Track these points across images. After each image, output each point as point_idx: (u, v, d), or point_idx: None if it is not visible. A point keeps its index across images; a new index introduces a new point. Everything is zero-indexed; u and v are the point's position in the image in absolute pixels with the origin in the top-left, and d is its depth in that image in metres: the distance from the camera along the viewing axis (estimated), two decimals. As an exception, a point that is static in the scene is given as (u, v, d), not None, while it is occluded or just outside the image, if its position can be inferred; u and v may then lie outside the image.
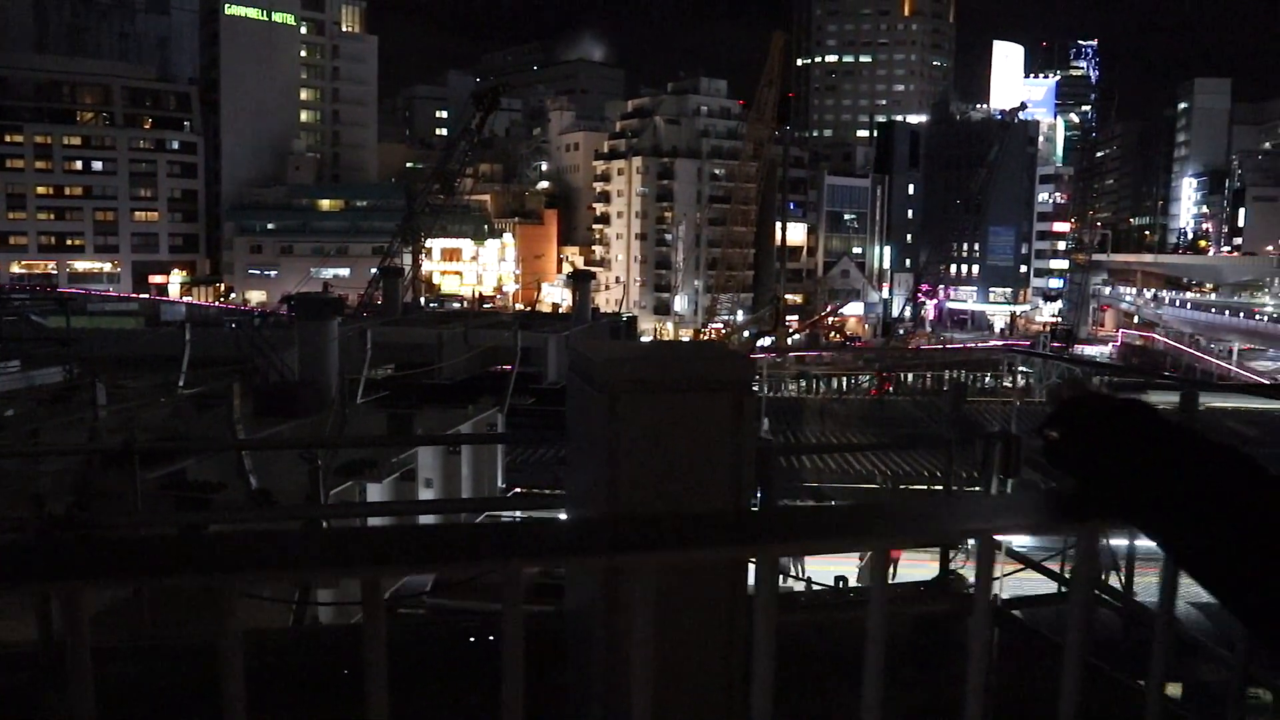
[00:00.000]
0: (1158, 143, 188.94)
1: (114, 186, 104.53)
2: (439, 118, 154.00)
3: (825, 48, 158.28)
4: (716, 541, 1.23)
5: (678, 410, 2.01)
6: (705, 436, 2.03)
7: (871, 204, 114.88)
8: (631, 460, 2.00)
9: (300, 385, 12.12)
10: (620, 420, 2.01)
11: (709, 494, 2.04)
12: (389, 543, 1.09)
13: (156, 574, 1.12)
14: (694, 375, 2.12)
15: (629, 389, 2.05)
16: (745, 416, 2.03)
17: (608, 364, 2.17)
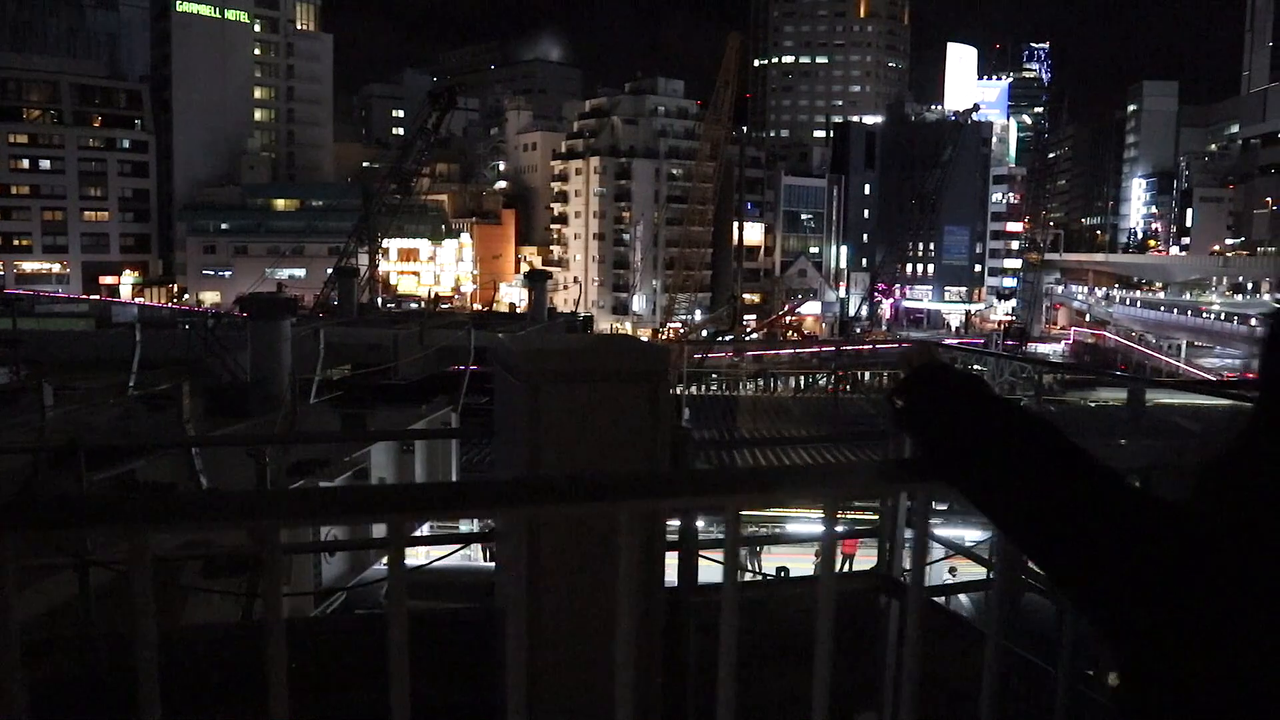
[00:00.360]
0: (1108, 144, 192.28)
1: (63, 185, 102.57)
2: (395, 117, 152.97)
3: (782, 49, 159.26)
4: (619, 496, 1.33)
5: (595, 400, 2.13)
6: (622, 424, 2.14)
7: (828, 204, 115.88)
8: (552, 447, 2.10)
9: (252, 385, 12.07)
10: (541, 409, 2.10)
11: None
12: (308, 498, 1.18)
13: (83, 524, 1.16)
14: (611, 367, 2.23)
15: (549, 380, 2.15)
16: (660, 405, 2.15)
17: (528, 357, 2.26)
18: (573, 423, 2.11)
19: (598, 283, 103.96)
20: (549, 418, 2.12)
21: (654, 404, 2.13)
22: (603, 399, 2.12)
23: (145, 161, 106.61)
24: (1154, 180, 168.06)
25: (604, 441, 2.15)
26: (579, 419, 2.12)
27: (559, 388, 2.14)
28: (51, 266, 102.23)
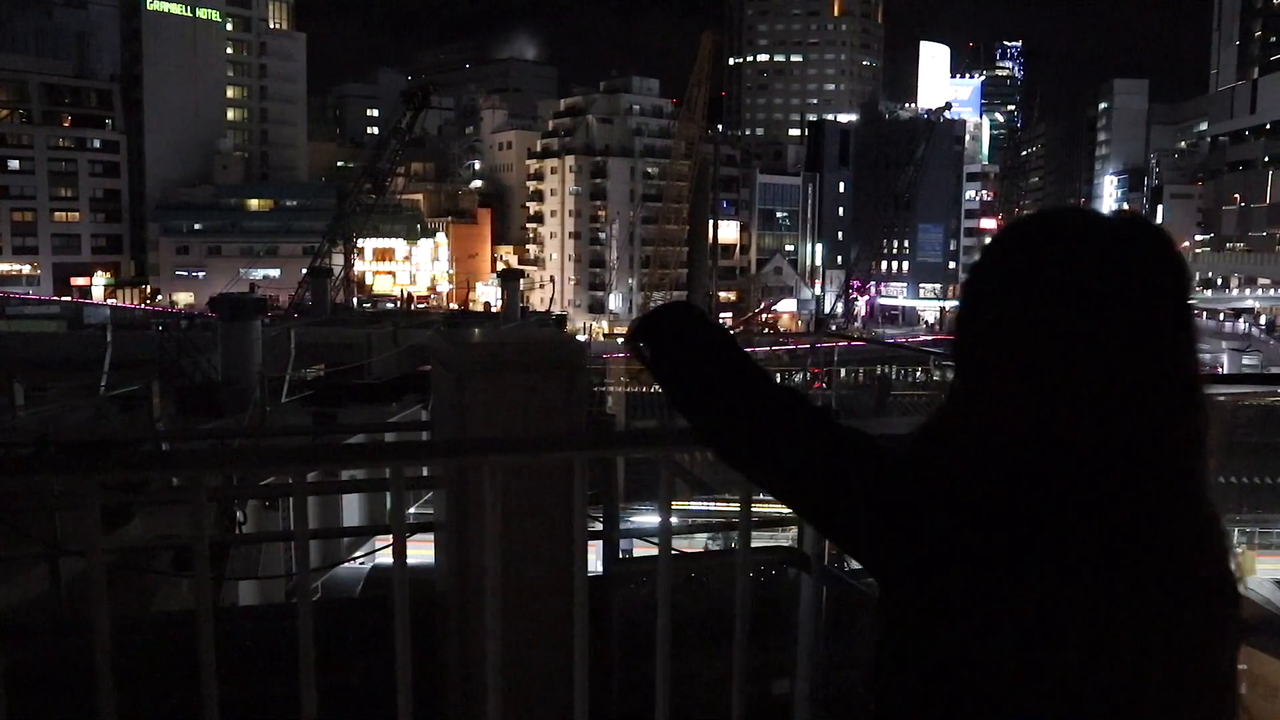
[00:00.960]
0: (1080, 141, 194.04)
1: (32, 186, 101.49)
2: (370, 116, 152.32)
3: (756, 47, 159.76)
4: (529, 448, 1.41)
5: (516, 387, 2.36)
6: (540, 410, 2.37)
7: (803, 202, 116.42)
8: (478, 429, 2.30)
9: (223, 385, 12.18)
10: (467, 397, 2.32)
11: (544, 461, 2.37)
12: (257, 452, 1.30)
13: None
14: (531, 359, 2.43)
15: (473, 370, 2.36)
16: (575, 393, 2.38)
17: (456, 349, 2.50)
18: (496, 409, 2.33)
19: (574, 281, 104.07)
20: (474, 405, 2.33)
21: (570, 392, 2.35)
22: (523, 387, 2.34)
23: (116, 161, 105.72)
24: (1125, 177, 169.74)
25: (525, 425, 2.35)
26: (502, 406, 2.34)
27: (483, 378, 2.34)
28: (21, 268, 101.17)
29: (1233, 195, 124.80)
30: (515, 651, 2.10)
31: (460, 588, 2.42)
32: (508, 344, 2.60)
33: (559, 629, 2.15)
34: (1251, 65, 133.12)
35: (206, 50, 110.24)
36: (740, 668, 2.20)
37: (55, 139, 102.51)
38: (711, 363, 1.40)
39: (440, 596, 2.83)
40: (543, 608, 2.28)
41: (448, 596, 2.70)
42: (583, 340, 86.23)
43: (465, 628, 2.42)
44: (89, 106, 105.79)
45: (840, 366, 76.23)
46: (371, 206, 78.01)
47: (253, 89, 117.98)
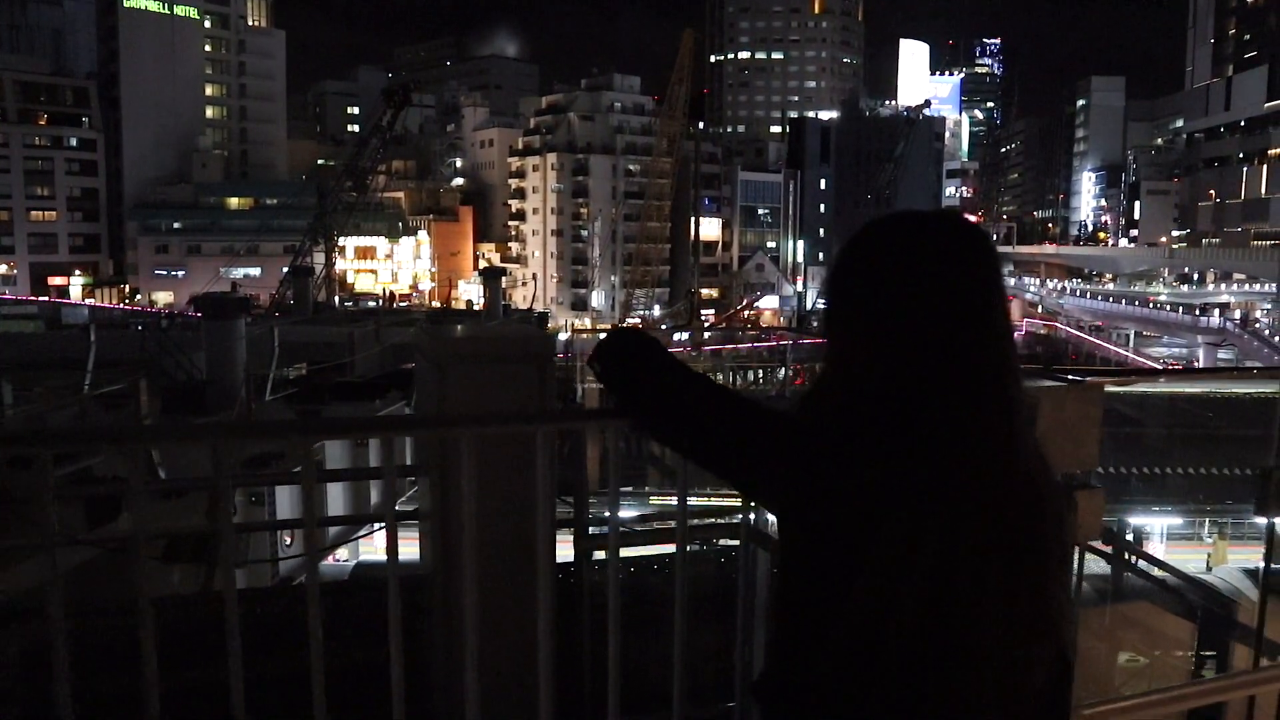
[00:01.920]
0: (1058, 138, 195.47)
1: (7, 185, 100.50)
2: (350, 114, 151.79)
3: (738, 44, 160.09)
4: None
5: (493, 377, 2.58)
6: (515, 398, 2.58)
7: (784, 199, 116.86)
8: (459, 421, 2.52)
9: (207, 384, 12.29)
10: (447, 386, 2.54)
11: (516, 444, 2.57)
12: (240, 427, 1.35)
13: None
14: (506, 350, 2.66)
15: (453, 361, 2.58)
16: (546, 382, 2.61)
17: (437, 341, 2.73)
18: (474, 397, 2.55)
19: (557, 279, 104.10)
20: (454, 393, 2.55)
21: (542, 382, 2.58)
22: (499, 377, 2.56)
23: (94, 160, 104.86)
24: (1103, 173, 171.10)
25: (500, 411, 2.56)
26: (479, 394, 2.56)
27: (462, 367, 2.56)
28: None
29: (1208, 191, 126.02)
30: (490, 627, 2.29)
31: (443, 567, 2.61)
32: (485, 337, 2.81)
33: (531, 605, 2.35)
34: (1226, 63, 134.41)
35: (184, 47, 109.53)
36: (682, 646, 2.39)
37: (31, 137, 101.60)
38: (643, 368, 1.81)
39: (425, 580, 3.01)
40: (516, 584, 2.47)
41: (432, 578, 2.89)
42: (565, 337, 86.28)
43: (448, 606, 2.61)
44: (65, 104, 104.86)
45: (819, 363, 76.70)
46: (353, 205, 77.74)
47: (232, 86, 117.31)
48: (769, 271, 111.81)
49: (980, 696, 1.44)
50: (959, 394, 1.49)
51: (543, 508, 2.07)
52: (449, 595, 2.67)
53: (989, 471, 1.48)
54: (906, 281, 1.52)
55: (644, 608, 3.47)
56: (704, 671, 3.57)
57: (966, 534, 1.43)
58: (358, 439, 8.88)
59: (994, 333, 1.54)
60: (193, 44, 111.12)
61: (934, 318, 1.50)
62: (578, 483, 3.29)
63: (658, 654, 2.87)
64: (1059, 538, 1.55)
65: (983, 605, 1.44)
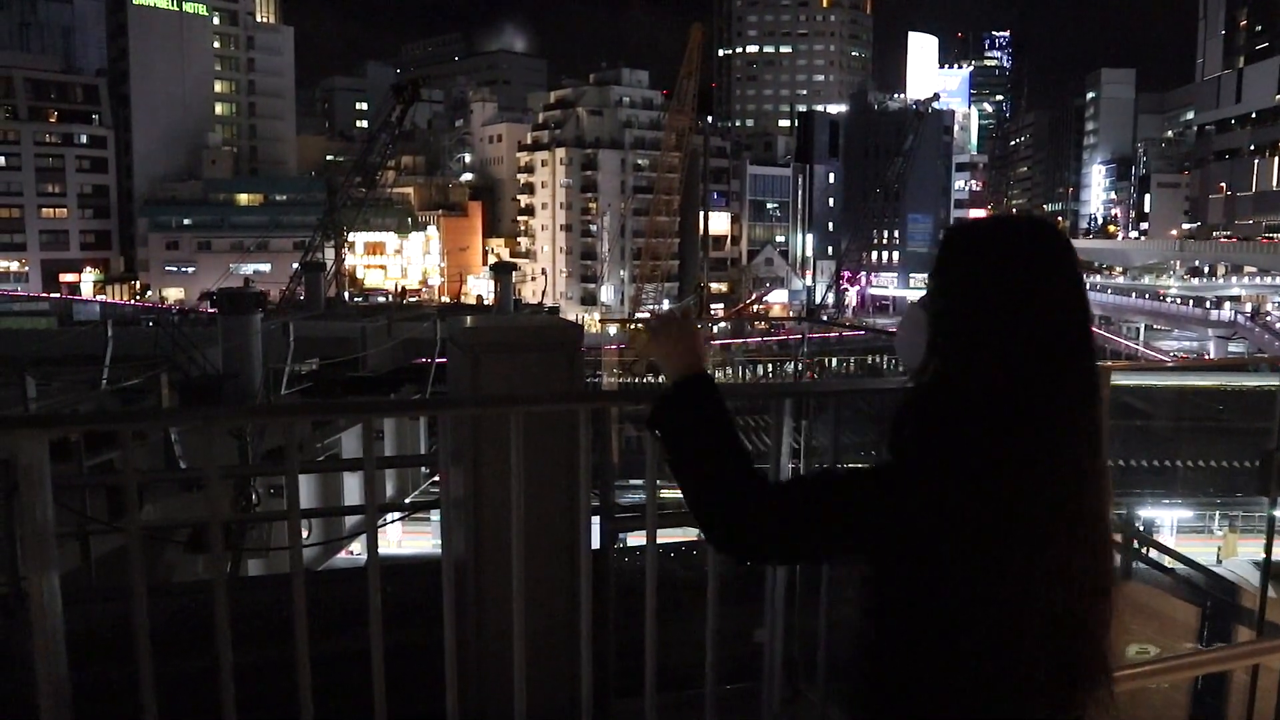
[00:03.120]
0: (1068, 131, 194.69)
1: (19, 182, 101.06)
2: (359, 109, 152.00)
3: (746, 38, 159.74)
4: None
5: (524, 365, 2.69)
6: (546, 384, 2.69)
7: (793, 193, 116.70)
8: (491, 409, 2.62)
9: (224, 379, 12.40)
10: (480, 373, 2.64)
11: (549, 430, 2.66)
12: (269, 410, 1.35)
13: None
14: (535, 339, 2.76)
15: (486, 350, 2.67)
16: (575, 369, 2.71)
17: (470, 332, 2.82)
18: (506, 384, 2.66)
19: (566, 273, 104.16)
20: (487, 381, 2.66)
21: (570, 368, 2.68)
22: (529, 365, 2.68)
23: (104, 157, 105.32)
24: (1113, 166, 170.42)
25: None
26: (511, 381, 2.67)
27: (495, 356, 2.66)
28: (10, 265, 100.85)
29: (1219, 184, 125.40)
30: (535, 608, 2.38)
31: (479, 552, 2.70)
32: (516, 327, 2.89)
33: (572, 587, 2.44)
34: (1237, 55, 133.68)
35: (193, 44, 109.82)
36: (714, 628, 2.48)
37: (42, 135, 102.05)
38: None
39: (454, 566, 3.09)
40: (558, 566, 2.56)
41: (463, 566, 2.96)
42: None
43: (481, 590, 2.70)
44: (75, 102, 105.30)
45: (831, 356, 76.71)
46: (362, 200, 77.86)
47: (240, 83, 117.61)
48: (778, 265, 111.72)
49: (1089, 674, 1.61)
50: (1070, 402, 1.57)
51: (584, 489, 2.16)
52: (484, 580, 2.75)
53: (1089, 470, 1.59)
54: (1022, 291, 1.57)
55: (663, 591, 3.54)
56: (723, 652, 3.65)
57: (1076, 538, 1.57)
58: (414, 415, 9.10)
59: (1090, 338, 1.64)
60: (202, 41, 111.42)
61: (1047, 326, 1.57)
62: (604, 465, 3.36)
63: (677, 635, 2.96)
64: None
65: (1088, 594, 1.58)
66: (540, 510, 2.50)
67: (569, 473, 2.25)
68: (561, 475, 2.54)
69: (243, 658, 2.41)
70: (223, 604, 2.02)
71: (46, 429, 1.86)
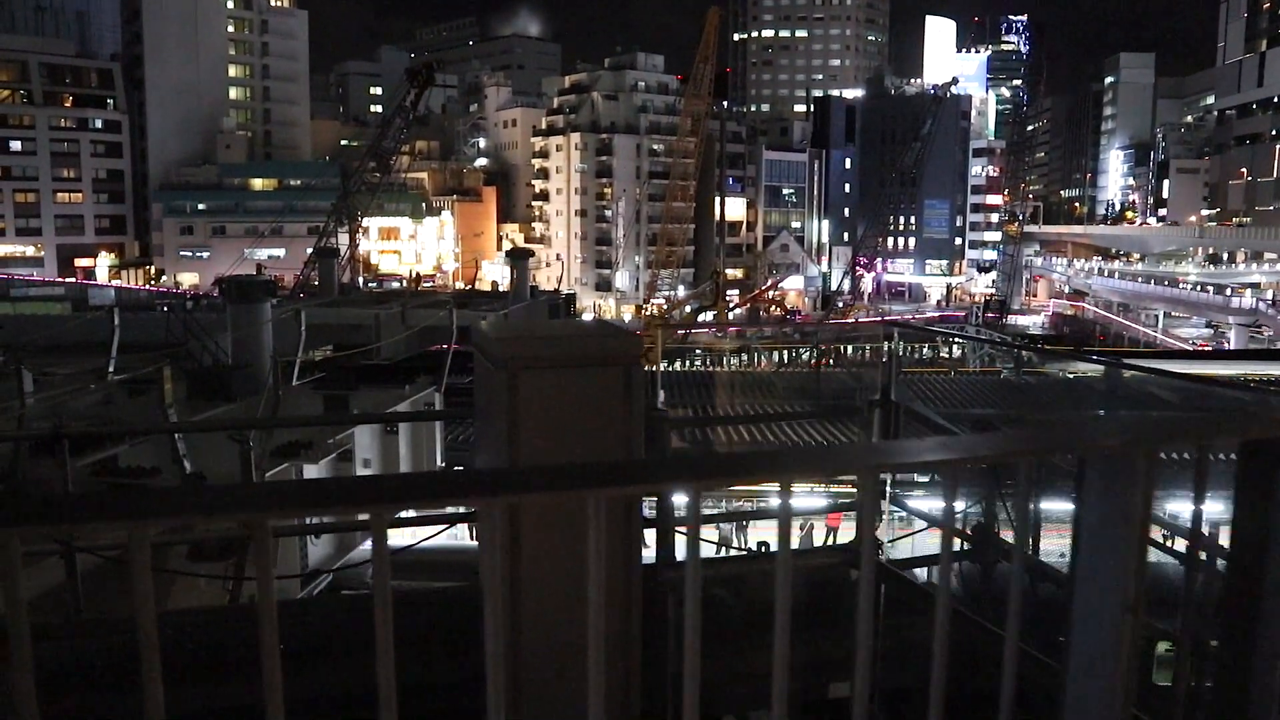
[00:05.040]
0: (1086, 116, 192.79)
1: (34, 167, 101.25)
2: (373, 94, 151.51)
3: (762, 22, 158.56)
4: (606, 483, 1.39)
5: (571, 384, 2.22)
6: (597, 407, 2.24)
7: (809, 178, 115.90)
8: (530, 430, 2.19)
9: (233, 369, 12.05)
10: (519, 394, 2.19)
11: (601, 455, 2.21)
12: (300, 490, 1.18)
13: (80, 520, 1.13)
14: (585, 353, 2.28)
15: (525, 367, 2.20)
16: (634, 388, 2.24)
17: (506, 343, 2.31)
18: (550, 408, 2.21)
19: (580, 259, 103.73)
20: (527, 403, 2.20)
21: (628, 388, 2.24)
22: (578, 384, 2.21)
23: (119, 141, 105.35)
24: (1131, 152, 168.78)
25: (581, 425, 2.24)
26: (556, 404, 2.22)
27: (536, 374, 2.20)
28: (25, 249, 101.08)
29: (1239, 169, 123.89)
30: (576, 630, 1.99)
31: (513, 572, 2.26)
32: (560, 337, 2.37)
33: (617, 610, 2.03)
34: (1260, 38, 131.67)
35: (208, 28, 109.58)
36: (781, 674, 2.08)
37: (57, 119, 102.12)
38: None
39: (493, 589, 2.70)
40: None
41: (487, 593, 2.54)
42: (590, 318, 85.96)
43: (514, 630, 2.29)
44: (90, 86, 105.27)
45: (847, 344, 76.11)
46: (376, 185, 77.60)
47: (255, 67, 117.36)
48: (794, 251, 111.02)
49: None
50: None
51: (595, 585, 1.58)
52: (522, 600, 2.34)
53: None
54: None
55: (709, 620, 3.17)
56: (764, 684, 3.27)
57: None
58: (430, 505, 8.39)
59: None
60: (216, 25, 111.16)
61: None
62: None
63: (725, 666, 2.60)
64: None
65: None
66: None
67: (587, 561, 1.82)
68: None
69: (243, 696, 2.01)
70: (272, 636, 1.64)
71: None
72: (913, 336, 37.43)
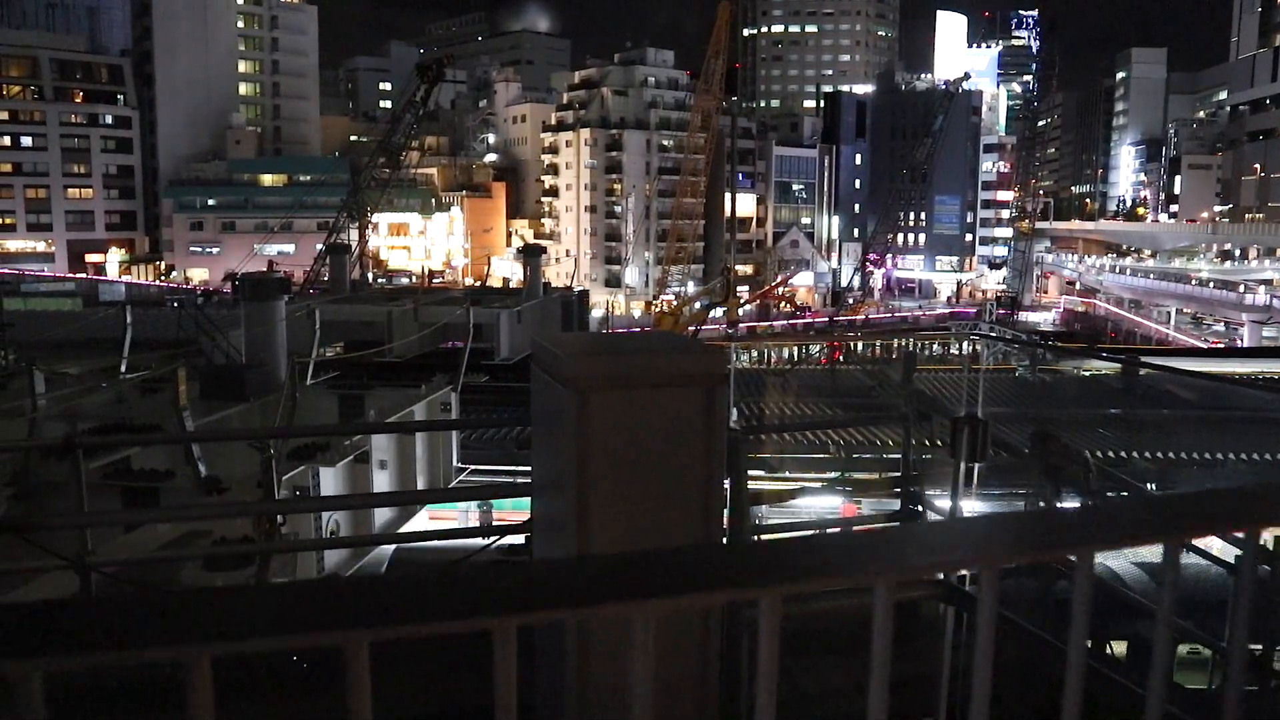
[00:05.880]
0: (1097, 112, 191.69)
1: (45, 162, 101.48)
2: (382, 90, 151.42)
3: (771, 18, 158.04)
4: (700, 587, 1.19)
5: (648, 406, 2.02)
6: (676, 430, 2.03)
7: (819, 174, 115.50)
8: (601, 456, 1.99)
9: (247, 368, 11.88)
10: (589, 417, 1.98)
11: (680, 487, 2.04)
12: (357, 598, 1.03)
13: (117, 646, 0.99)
14: (665, 370, 2.06)
15: (599, 386, 1.99)
16: (716, 409, 2.04)
17: (577, 360, 2.08)
18: (623, 431, 2.01)
19: (590, 255, 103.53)
20: (597, 426, 1.99)
21: (710, 409, 2.02)
22: (655, 405, 2.01)
23: (129, 137, 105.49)
24: (1143, 148, 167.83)
25: (656, 450, 2.03)
26: (629, 427, 2.02)
27: (608, 395, 1.99)
28: (36, 245, 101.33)
29: (1252, 165, 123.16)
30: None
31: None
32: (636, 353, 2.15)
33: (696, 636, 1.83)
34: (1274, 32, 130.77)
35: (218, 24, 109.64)
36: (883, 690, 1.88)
37: (67, 115, 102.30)
38: None
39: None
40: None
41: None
42: (599, 314, 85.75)
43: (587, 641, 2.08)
44: (100, 82, 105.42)
45: (858, 340, 75.84)
46: (386, 181, 77.46)
47: (264, 63, 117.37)
48: (804, 248, 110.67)
49: None
50: None
51: None
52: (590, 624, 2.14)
53: None
54: None
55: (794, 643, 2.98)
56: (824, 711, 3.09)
57: None
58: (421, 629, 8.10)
59: None
60: (226, 20, 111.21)
61: None
62: (733, 489, 2.74)
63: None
64: None
65: None
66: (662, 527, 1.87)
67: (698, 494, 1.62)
68: (693, 498, 1.90)
69: None
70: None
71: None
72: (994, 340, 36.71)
